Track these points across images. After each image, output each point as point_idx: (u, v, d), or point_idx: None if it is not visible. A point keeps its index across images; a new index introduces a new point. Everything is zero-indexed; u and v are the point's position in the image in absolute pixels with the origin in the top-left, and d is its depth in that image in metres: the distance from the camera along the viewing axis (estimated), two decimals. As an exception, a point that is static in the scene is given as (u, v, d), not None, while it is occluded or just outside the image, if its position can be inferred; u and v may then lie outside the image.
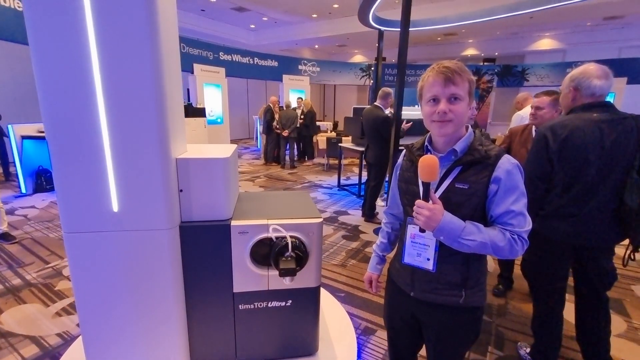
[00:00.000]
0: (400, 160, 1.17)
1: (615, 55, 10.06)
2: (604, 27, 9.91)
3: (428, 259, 1.02)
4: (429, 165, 0.89)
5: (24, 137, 4.97)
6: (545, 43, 11.27)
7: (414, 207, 0.95)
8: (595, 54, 10.10)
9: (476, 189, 0.95)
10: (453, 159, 0.99)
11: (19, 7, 5.08)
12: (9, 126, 4.96)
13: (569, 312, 1.78)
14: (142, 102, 1.23)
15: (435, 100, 0.95)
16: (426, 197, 0.94)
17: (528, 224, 0.94)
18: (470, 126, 1.02)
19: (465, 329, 1.08)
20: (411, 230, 1.04)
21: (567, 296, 1.69)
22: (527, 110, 3.35)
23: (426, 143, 1.05)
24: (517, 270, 2.54)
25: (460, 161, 0.97)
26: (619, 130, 1.40)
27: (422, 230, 0.97)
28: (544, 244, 1.59)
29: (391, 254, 1.30)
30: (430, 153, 1.02)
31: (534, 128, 2.23)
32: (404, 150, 1.15)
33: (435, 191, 0.99)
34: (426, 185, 0.93)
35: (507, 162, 0.94)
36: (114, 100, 1.21)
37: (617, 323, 2.19)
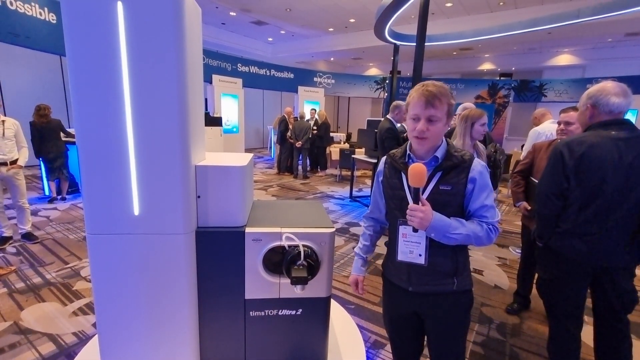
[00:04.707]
0: (381, 167, 1.28)
1: (637, 72, 9.82)
2: (626, 43, 9.72)
3: (420, 255, 1.13)
4: (418, 172, 1.01)
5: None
6: (564, 58, 11.12)
7: (407, 211, 1.06)
8: (617, 70, 9.90)
9: (457, 190, 1.09)
10: (434, 165, 1.12)
11: (52, 20, 5.40)
12: (37, 131, 5.20)
13: (588, 334, 1.72)
14: (167, 112, 1.29)
15: (416, 119, 1.08)
16: (417, 201, 1.05)
17: (498, 215, 1.12)
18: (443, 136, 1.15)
19: (461, 311, 1.19)
20: (402, 230, 1.15)
21: (586, 318, 1.64)
22: (544, 126, 3.31)
23: (408, 152, 1.17)
24: (535, 289, 2.47)
25: (441, 166, 1.11)
26: (638, 150, 1.37)
27: (415, 230, 1.09)
28: (560, 262, 1.56)
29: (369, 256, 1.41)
30: (414, 161, 1.14)
31: None
32: (385, 158, 1.26)
33: (422, 194, 1.10)
34: (416, 190, 1.04)
35: (478, 165, 1.11)
36: (140, 110, 1.28)
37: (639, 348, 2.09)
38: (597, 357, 1.67)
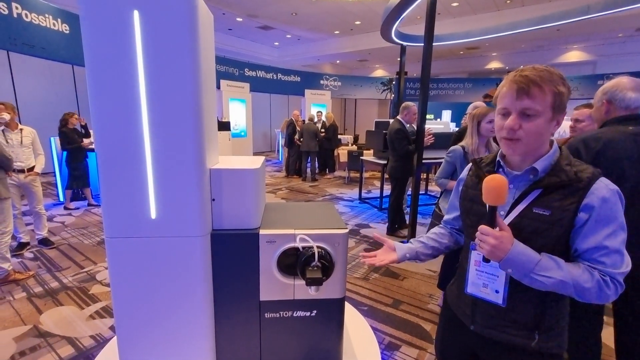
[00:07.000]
0: (464, 174, 1.06)
1: (650, 66, 9.63)
2: (637, 38, 9.56)
3: (497, 292, 0.88)
4: (495, 187, 0.78)
5: (64, 149, 5.32)
6: (574, 55, 10.98)
7: (477, 233, 0.83)
8: (628, 65, 9.72)
9: (559, 217, 0.79)
10: (532, 179, 0.85)
11: (65, 30, 5.54)
12: (51, 139, 5.34)
13: (609, 335, 1.69)
14: (182, 117, 1.32)
15: (506, 113, 0.83)
16: (492, 223, 0.81)
17: (626, 265, 0.78)
18: (554, 141, 0.87)
19: None
20: (475, 257, 0.92)
21: (606, 318, 1.60)
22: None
23: (498, 158, 0.92)
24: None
25: (542, 183, 0.82)
26: (658, 144, 1.35)
27: (486, 260, 0.84)
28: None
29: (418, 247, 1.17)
30: (503, 170, 0.90)
31: None
32: (470, 165, 1.04)
33: (507, 215, 0.86)
34: (492, 210, 0.81)
35: (604, 188, 0.78)
36: (156, 116, 1.31)
37: (663, 350, 2.03)
38: (618, 358, 1.63)
